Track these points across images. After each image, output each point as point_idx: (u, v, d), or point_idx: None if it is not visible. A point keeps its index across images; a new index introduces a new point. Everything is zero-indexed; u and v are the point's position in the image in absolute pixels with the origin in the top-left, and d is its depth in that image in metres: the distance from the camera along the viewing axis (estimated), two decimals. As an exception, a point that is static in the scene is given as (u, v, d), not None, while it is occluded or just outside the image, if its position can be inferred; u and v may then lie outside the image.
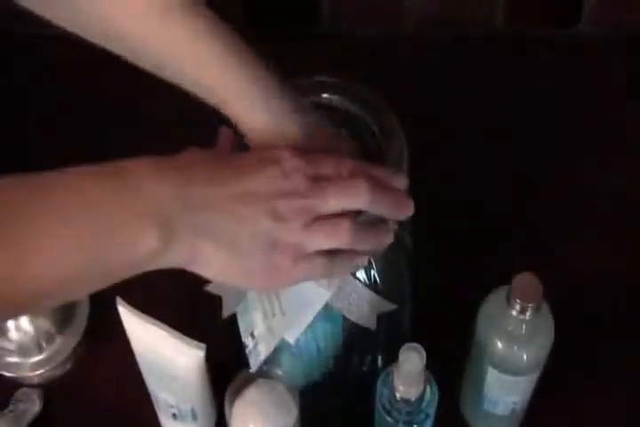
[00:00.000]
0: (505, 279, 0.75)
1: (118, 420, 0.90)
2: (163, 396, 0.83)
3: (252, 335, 0.76)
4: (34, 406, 0.90)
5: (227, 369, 0.81)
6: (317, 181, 0.64)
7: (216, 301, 0.82)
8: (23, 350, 0.90)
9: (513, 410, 0.84)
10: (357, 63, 1.06)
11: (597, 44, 1.10)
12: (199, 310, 0.85)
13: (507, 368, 0.79)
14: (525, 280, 0.74)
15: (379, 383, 0.78)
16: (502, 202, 1.00)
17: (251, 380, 0.81)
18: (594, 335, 0.92)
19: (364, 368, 0.86)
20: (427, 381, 0.76)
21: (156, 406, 0.86)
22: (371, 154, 0.77)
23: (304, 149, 0.66)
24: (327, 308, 0.75)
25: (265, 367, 0.79)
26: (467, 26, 1.11)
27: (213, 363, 0.80)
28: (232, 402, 0.81)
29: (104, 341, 0.93)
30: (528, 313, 0.74)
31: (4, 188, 0.57)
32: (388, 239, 0.69)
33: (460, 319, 0.82)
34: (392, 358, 0.75)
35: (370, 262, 0.77)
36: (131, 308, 0.78)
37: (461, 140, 1.04)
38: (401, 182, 0.68)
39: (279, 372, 0.80)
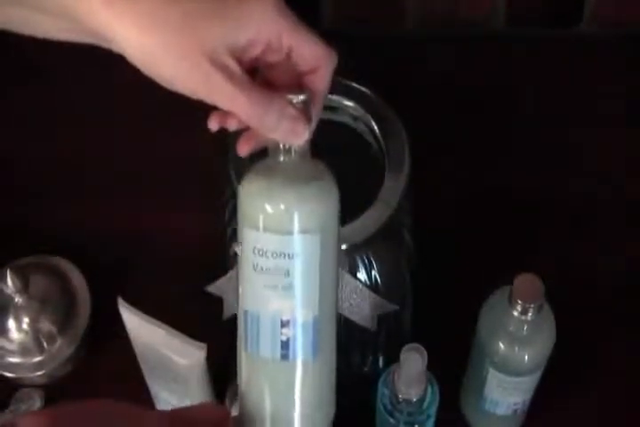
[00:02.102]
0: (505, 279, 0.75)
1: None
2: (163, 396, 0.83)
3: (253, 336, 0.76)
4: (35, 406, 0.90)
5: (227, 369, 0.81)
6: None
7: (217, 301, 0.82)
8: (24, 351, 0.90)
9: (514, 411, 0.84)
10: (357, 63, 1.06)
11: (598, 43, 1.10)
12: (199, 310, 0.85)
13: (508, 369, 0.79)
14: (527, 281, 0.74)
15: (380, 384, 0.78)
16: (502, 202, 1.00)
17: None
18: (594, 335, 0.92)
19: (365, 369, 0.86)
20: (428, 381, 0.76)
21: (156, 406, 0.86)
22: (372, 155, 0.78)
23: None
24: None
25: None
26: (467, 26, 1.11)
27: (213, 363, 0.80)
28: (232, 402, 0.81)
29: (105, 341, 0.93)
30: (530, 314, 0.74)
31: None
32: None
33: (461, 320, 0.82)
34: (393, 359, 0.75)
35: (370, 263, 0.77)
36: (131, 308, 0.78)
37: (461, 139, 1.04)
38: None
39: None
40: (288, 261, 0.59)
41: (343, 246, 0.72)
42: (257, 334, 0.61)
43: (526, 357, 0.78)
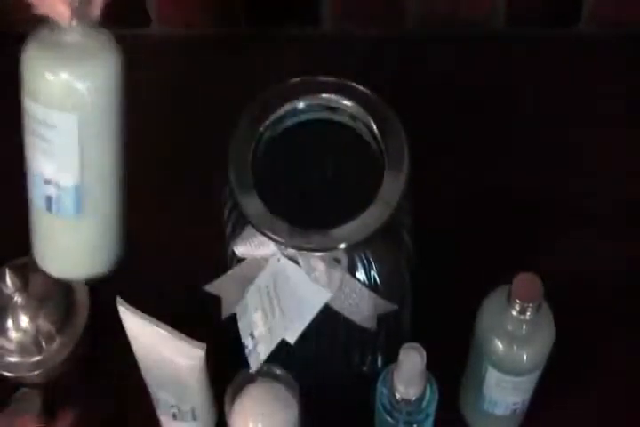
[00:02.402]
0: (505, 279, 0.75)
1: (118, 420, 0.90)
2: (163, 396, 0.83)
3: (252, 336, 0.76)
4: (34, 406, 0.90)
5: (227, 369, 0.81)
6: None
7: (216, 301, 0.82)
8: (23, 350, 0.90)
9: (513, 410, 0.84)
10: (357, 63, 1.06)
11: (597, 43, 1.10)
12: (199, 310, 0.85)
13: (507, 368, 0.79)
14: (526, 280, 0.74)
15: (379, 383, 0.78)
16: (502, 202, 1.00)
17: (251, 380, 0.81)
18: (594, 335, 0.92)
19: (365, 368, 0.86)
20: (427, 381, 0.76)
21: (155, 406, 0.86)
22: (371, 155, 0.77)
23: None
24: (327, 308, 0.75)
25: (265, 367, 0.79)
26: (467, 26, 1.11)
27: (213, 363, 0.80)
28: (232, 402, 0.81)
29: (104, 341, 0.93)
30: (528, 313, 0.74)
31: None
32: None
33: (460, 319, 0.81)
34: (392, 359, 0.75)
35: (369, 262, 0.77)
36: (131, 308, 0.78)
37: (461, 139, 1.04)
38: None
39: (279, 372, 0.81)
40: (51, 132, 0.70)
41: (342, 246, 0.72)
42: (33, 186, 0.74)
43: (525, 356, 0.78)
